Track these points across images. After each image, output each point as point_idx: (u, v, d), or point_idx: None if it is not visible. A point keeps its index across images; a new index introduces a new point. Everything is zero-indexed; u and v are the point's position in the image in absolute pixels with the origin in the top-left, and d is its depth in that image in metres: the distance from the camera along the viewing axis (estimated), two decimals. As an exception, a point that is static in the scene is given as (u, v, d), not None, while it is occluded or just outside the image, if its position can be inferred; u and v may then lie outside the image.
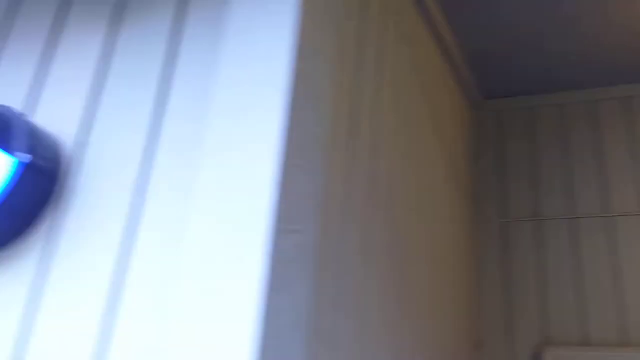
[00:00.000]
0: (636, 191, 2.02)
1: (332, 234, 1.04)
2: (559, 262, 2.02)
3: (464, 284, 1.97)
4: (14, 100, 1.15)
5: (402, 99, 1.55)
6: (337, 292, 1.05)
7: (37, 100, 1.16)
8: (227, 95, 0.94)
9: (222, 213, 0.85)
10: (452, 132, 2.07)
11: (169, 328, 0.84)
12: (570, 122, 2.22)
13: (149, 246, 0.93)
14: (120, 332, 0.88)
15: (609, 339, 1.88)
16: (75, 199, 1.02)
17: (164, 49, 1.10)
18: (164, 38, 1.11)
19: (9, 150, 0.97)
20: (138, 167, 1.00)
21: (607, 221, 2.01)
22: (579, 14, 1.86)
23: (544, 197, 2.13)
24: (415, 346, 1.47)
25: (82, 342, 0.89)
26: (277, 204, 0.83)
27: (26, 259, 0.99)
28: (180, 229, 0.92)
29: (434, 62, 1.92)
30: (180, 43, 1.10)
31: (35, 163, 0.99)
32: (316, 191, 0.97)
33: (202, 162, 0.91)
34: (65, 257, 0.97)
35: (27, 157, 0.98)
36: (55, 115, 1.11)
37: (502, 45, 2.04)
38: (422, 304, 1.54)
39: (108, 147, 1.05)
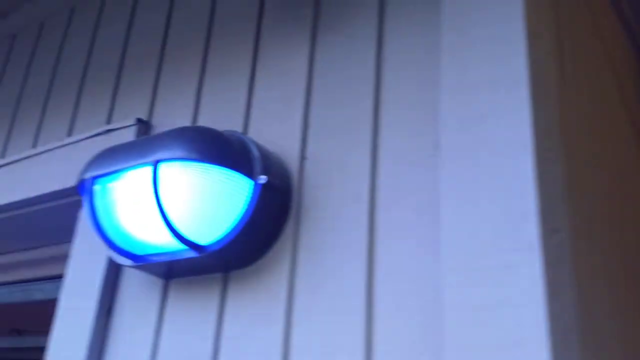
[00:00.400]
0: None
1: (584, 229, 0.98)
2: None
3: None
4: (233, 122, 1.20)
5: (592, 76, 1.45)
6: (595, 292, 0.99)
7: (249, 121, 1.21)
8: (459, 95, 0.91)
9: (481, 215, 0.82)
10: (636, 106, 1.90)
11: (435, 326, 0.83)
12: None
13: (394, 251, 0.93)
14: (380, 338, 0.88)
15: None
16: (309, 212, 1.04)
17: (372, 55, 1.09)
18: (370, 44, 1.10)
19: (247, 173, 1.01)
20: (366, 176, 1.00)
21: None
22: None
23: None
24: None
25: (346, 353, 0.91)
26: (539, 201, 0.79)
27: (276, 273, 1.02)
28: (426, 233, 0.90)
29: (612, 30, 1.77)
30: (385, 46, 1.09)
31: (271, 182, 1.02)
32: (562, 183, 0.92)
33: (444, 166, 0.88)
34: (312, 268, 0.99)
35: (263, 178, 1.01)
36: (271, 134, 1.15)
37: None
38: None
39: (327, 160, 1.06)
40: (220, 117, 1.24)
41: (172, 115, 1.32)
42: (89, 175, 1.06)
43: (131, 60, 1.50)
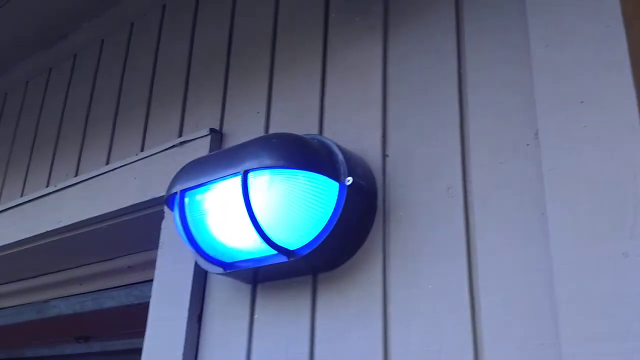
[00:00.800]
0: None
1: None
2: None
3: None
4: (307, 125, 1.21)
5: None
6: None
7: (323, 122, 1.22)
8: (558, 78, 0.90)
9: (591, 204, 0.81)
10: None
11: (546, 320, 0.83)
12: None
13: (495, 246, 0.92)
14: (488, 336, 0.88)
15: None
16: (397, 211, 1.04)
17: (451, 40, 1.07)
18: (449, 27, 1.08)
19: (333, 176, 1.02)
20: (457, 169, 1.00)
21: None
22: None
23: None
24: None
25: (451, 352, 0.91)
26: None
27: (369, 273, 1.03)
28: (528, 225, 0.90)
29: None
30: (465, 30, 1.07)
31: (357, 183, 1.03)
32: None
33: (546, 153, 0.87)
34: (406, 266, 1.00)
35: (349, 180, 1.02)
36: (348, 133, 1.15)
37: None
38: None
39: (411, 156, 1.06)
40: (293, 120, 1.25)
41: (244, 122, 1.34)
42: (178, 188, 1.08)
43: (198, 70, 1.52)
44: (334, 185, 1.03)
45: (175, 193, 1.08)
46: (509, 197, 0.93)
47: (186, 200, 1.09)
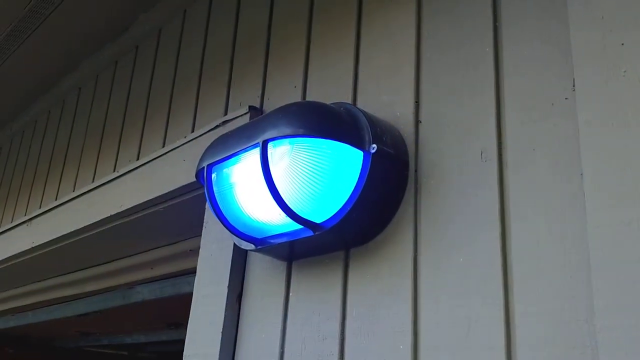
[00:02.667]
0: None
1: None
2: None
3: None
4: (342, 94, 1.16)
5: None
6: None
7: (357, 91, 1.16)
8: (593, 30, 0.80)
9: (632, 162, 0.70)
10: None
11: (582, 288, 0.73)
12: None
13: (529, 211, 0.83)
14: (521, 308, 0.80)
15: None
16: (429, 179, 0.97)
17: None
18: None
19: (357, 144, 0.97)
20: (492, 133, 0.91)
21: None
22: None
23: None
24: None
25: (486, 327, 0.83)
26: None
27: (399, 247, 0.97)
28: (565, 187, 0.80)
29: None
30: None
31: (383, 151, 0.97)
32: None
33: (583, 109, 0.77)
34: (438, 238, 0.93)
35: (374, 147, 0.96)
36: (382, 101, 1.09)
37: None
38: None
39: (445, 121, 0.98)
40: (328, 91, 1.21)
41: (282, 97, 1.31)
42: (205, 164, 1.07)
43: (242, 51, 1.51)
44: (358, 154, 0.97)
45: (203, 168, 1.08)
46: (546, 158, 0.83)
47: (214, 175, 1.08)
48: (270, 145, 0.96)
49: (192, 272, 1.88)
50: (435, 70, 1.03)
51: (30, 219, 2.10)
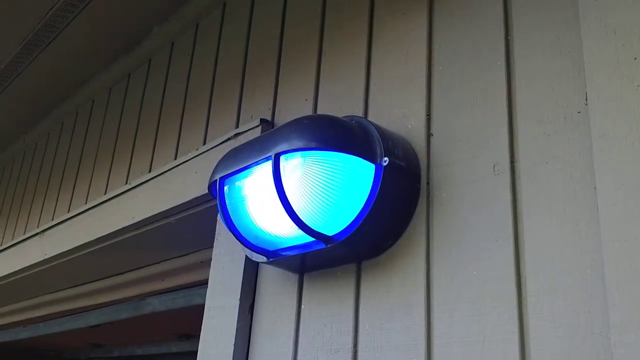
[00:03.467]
0: None
1: None
2: None
3: None
4: (353, 107, 1.17)
5: None
6: None
7: (368, 104, 1.17)
8: (605, 40, 0.80)
9: None
10: None
11: (597, 304, 0.73)
12: None
13: (543, 225, 0.83)
14: (535, 322, 0.79)
15: None
16: (441, 192, 0.97)
17: (498, 13, 0.99)
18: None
19: (368, 157, 0.97)
20: (504, 145, 0.91)
21: None
22: None
23: None
24: None
25: (501, 341, 0.83)
26: None
27: (411, 260, 0.97)
28: (578, 201, 0.80)
29: None
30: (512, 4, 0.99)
31: (395, 164, 0.97)
32: None
33: (595, 122, 0.77)
34: (450, 251, 0.92)
35: (385, 160, 0.96)
36: (393, 114, 1.10)
37: None
38: None
39: (457, 134, 0.98)
40: (339, 105, 1.21)
41: (293, 110, 1.32)
42: (217, 176, 1.08)
43: (253, 64, 1.53)
44: (370, 167, 0.97)
45: (215, 181, 1.08)
46: (559, 171, 0.83)
47: (226, 188, 1.09)
48: (282, 158, 0.97)
49: (203, 283, 1.89)
50: (446, 83, 1.03)
51: (43, 230, 2.11)
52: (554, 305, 0.78)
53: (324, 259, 1.08)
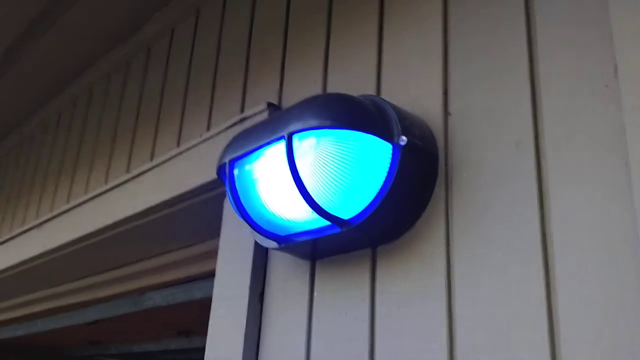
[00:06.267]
0: None
1: None
2: None
3: None
4: (364, 87, 1.13)
5: None
6: None
7: (381, 83, 1.13)
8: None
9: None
10: None
11: (630, 281, 0.70)
12: None
13: (570, 201, 0.79)
14: (565, 303, 0.76)
15: None
16: (460, 172, 0.94)
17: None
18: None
19: (385, 136, 0.93)
20: (527, 121, 0.87)
21: None
22: None
23: None
24: None
25: (528, 322, 0.80)
26: None
27: (430, 243, 0.93)
28: (607, 175, 0.76)
29: None
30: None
31: (413, 144, 0.93)
32: None
33: (627, 92, 0.74)
34: (471, 232, 0.89)
35: (404, 140, 0.93)
36: (407, 93, 1.06)
37: None
38: None
39: (476, 112, 0.95)
40: (351, 85, 1.17)
41: (301, 93, 1.27)
42: (226, 159, 1.04)
43: (258, 47, 1.49)
44: (387, 147, 0.94)
45: (225, 164, 1.04)
46: (586, 147, 0.80)
47: (235, 171, 1.05)
48: (295, 138, 0.93)
49: (207, 276, 1.85)
50: (464, 59, 0.99)
51: (42, 222, 2.07)
52: (585, 286, 0.75)
53: (337, 245, 1.04)
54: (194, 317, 2.56)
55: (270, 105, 1.30)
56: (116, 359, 4.07)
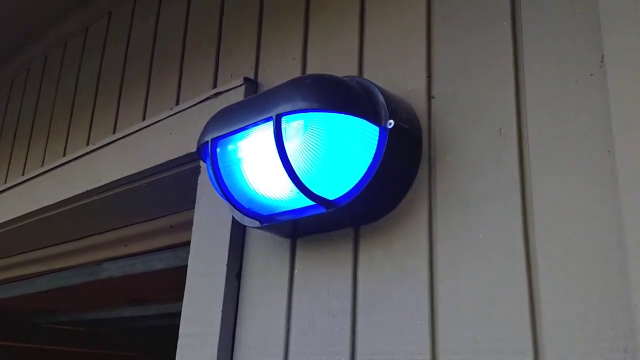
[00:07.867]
0: None
1: None
2: None
3: None
4: (346, 68, 1.13)
5: None
6: None
7: (363, 64, 1.13)
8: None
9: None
10: None
11: (611, 270, 0.74)
12: None
13: (553, 188, 0.83)
14: (546, 285, 0.80)
15: None
16: (444, 155, 0.96)
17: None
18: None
19: (372, 119, 0.94)
20: (510, 107, 0.90)
21: None
22: None
23: None
24: None
25: (514, 303, 0.83)
26: None
27: (413, 224, 0.95)
28: (591, 163, 0.80)
29: None
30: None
31: (399, 127, 0.94)
32: None
33: (614, 81, 0.77)
34: (453, 214, 0.92)
35: (391, 123, 0.94)
36: (390, 75, 1.07)
37: None
38: None
39: (459, 96, 0.97)
40: (331, 65, 1.17)
41: (279, 69, 1.26)
42: (209, 137, 1.03)
43: (231, 18, 1.45)
44: (374, 129, 0.95)
45: (207, 142, 1.03)
46: (570, 135, 0.83)
47: (218, 150, 1.03)
48: (283, 119, 0.92)
49: (168, 248, 1.83)
50: (448, 42, 1.01)
51: (-4, 193, 1.99)
52: (566, 268, 0.78)
53: (320, 224, 1.05)
54: (151, 287, 2.54)
55: (247, 80, 1.28)
56: (65, 326, 4.01)
